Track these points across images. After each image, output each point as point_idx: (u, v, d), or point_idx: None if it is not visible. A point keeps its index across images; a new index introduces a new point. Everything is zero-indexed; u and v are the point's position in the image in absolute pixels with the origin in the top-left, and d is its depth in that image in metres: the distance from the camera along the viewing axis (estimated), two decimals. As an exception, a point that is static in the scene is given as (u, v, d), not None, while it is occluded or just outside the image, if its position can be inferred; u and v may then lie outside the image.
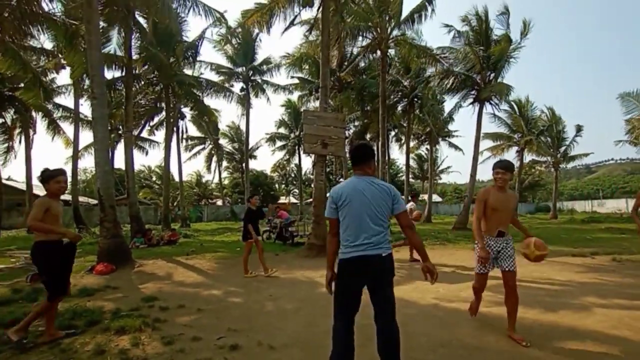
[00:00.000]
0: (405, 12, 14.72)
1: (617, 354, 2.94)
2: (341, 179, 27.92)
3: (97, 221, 14.11)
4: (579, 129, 27.50)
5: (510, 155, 27.02)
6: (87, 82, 14.96)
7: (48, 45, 14.21)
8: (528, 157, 28.66)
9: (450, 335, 3.42)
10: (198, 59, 18.23)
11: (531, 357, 2.93)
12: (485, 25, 17.06)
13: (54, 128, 19.30)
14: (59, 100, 19.46)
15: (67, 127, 36.01)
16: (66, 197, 28.11)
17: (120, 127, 20.85)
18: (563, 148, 28.63)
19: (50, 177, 3.35)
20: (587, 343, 3.19)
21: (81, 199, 22.81)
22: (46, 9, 9.25)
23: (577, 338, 3.31)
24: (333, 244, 2.51)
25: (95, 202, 24.77)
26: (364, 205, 2.36)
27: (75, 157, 17.82)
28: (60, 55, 14.15)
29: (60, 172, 3.45)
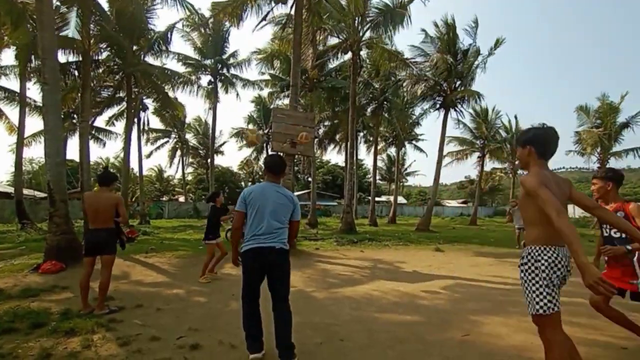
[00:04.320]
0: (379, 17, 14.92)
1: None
2: (309, 179, 27.97)
3: (44, 216, 13.07)
4: None
5: (472, 161, 28.53)
6: (35, 62, 13.74)
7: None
8: (490, 164, 30.36)
9: (409, 332, 3.55)
10: (165, 49, 17.46)
11: (485, 352, 3.12)
12: (452, 34, 17.89)
13: (-4, 113, 17.60)
14: (2, 82, 17.76)
15: (11, 112, 32.98)
16: (8, 189, 25.82)
17: (75, 115, 19.49)
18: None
19: (115, 178, 4.45)
20: (532, 337, 3.44)
21: (26, 191, 21.03)
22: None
23: (524, 332, 3.57)
24: (236, 235, 3.03)
25: (42, 195, 22.94)
26: (268, 206, 2.86)
27: (20, 146, 16.30)
28: (3, 32, 12.86)
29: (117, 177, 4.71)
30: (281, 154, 8.04)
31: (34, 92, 26.69)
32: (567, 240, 1.86)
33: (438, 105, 19.22)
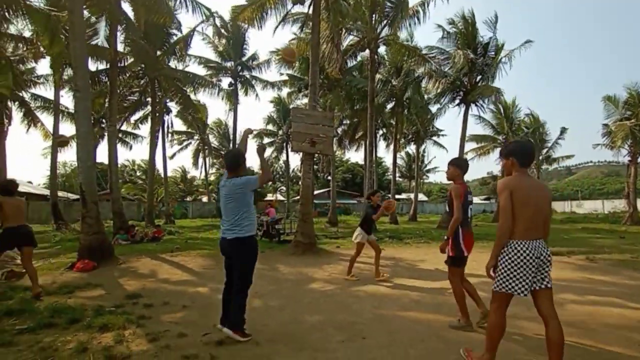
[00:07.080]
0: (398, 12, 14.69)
1: (588, 344, 3.11)
2: (329, 177, 28.00)
3: (77, 217, 13.75)
4: (562, 130, 28.32)
5: (495, 156, 27.60)
6: (68, 72, 14.50)
7: (26, 32, 13.65)
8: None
9: (430, 331, 3.52)
10: (186, 53, 17.98)
11: (511, 350, 3.05)
12: (471, 28, 17.39)
13: (31, 119, 18.64)
14: (38, 91, 18.78)
15: (46, 119, 34.84)
16: (44, 191, 27.33)
17: (103, 120, 20.37)
18: (545, 150, 29.46)
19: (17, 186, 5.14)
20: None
21: (60, 193, 22.19)
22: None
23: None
24: None
25: (75, 197, 24.13)
26: (221, 200, 3.42)
27: (54, 151, 17.26)
28: (39, 44, 13.63)
29: None
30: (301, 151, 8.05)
31: (66, 99, 28.18)
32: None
33: (458, 101, 18.76)
